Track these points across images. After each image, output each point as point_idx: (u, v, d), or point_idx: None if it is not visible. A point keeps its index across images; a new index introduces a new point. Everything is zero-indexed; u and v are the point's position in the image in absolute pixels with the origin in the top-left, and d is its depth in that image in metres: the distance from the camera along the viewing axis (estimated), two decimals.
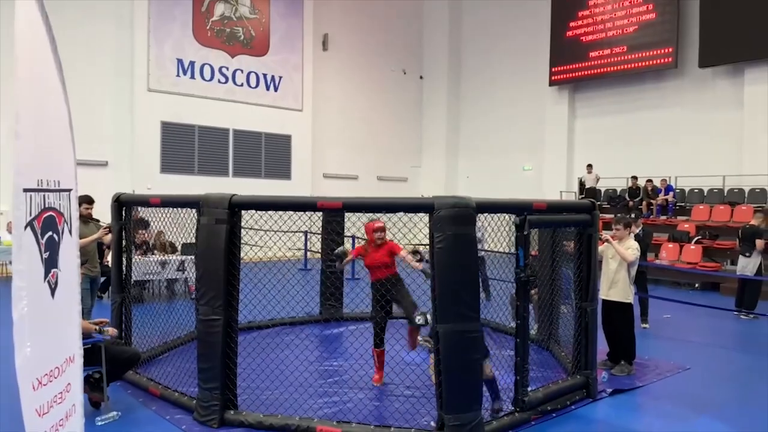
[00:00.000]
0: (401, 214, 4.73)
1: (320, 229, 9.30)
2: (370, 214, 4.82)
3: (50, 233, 2.89)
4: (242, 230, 5.08)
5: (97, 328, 5.38)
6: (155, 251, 10.83)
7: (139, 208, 6.50)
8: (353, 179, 21.71)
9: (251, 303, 6.57)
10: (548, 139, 20.36)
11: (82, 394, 3.03)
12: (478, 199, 4.53)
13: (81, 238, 6.76)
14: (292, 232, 7.10)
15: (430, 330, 4.68)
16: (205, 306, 4.93)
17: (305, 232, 12.53)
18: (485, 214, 4.93)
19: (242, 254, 5.15)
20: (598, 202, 16.78)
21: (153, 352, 6.54)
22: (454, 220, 4.40)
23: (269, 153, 19.13)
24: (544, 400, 5.23)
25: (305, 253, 14.99)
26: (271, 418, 4.76)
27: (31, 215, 2.60)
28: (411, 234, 4.98)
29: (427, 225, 4.49)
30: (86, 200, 7.12)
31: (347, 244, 6.31)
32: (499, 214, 5.15)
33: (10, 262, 7.42)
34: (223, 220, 4.94)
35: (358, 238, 12.41)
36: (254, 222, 5.65)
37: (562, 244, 6.31)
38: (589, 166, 18.19)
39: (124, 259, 6.50)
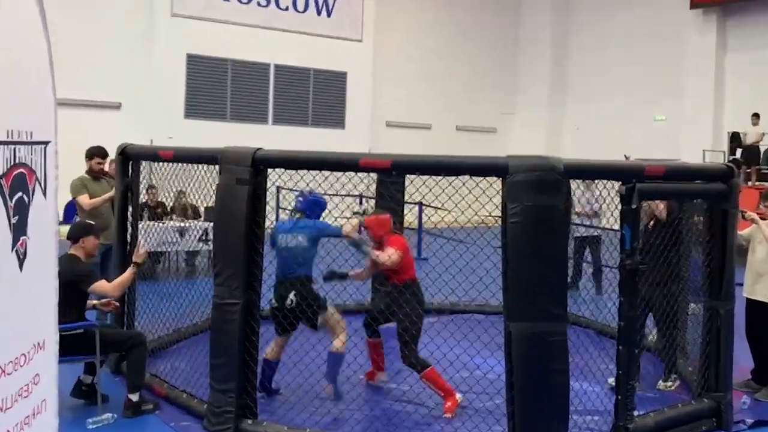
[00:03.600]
0: (466, 178, 4.69)
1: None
2: (426, 177, 4.85)
3: (20, 194, 3.01)
4: (282, 191, 5.16)
5: (96, 303, 5.69)
6: (174, 215, 11.22)
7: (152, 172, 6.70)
8: (425, 129, 21.77)
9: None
10: (688, 80, 19.84)
11: (57, 387, 3.19)
12: (569, 160, 4.50)
13: (91, 197, 7.14)
14: (338, 195, 7.14)
15: None
16: (221, 287, 5.06)
17: (360, 196, 12.62)
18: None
19: (271, 222, 5.27)
20: (758, 166, 16.19)
21: (161, 341, 6.79)
22: (534, 188, 4.37)
23: (318, 95, 19.36)
24: (656, 430, 5.14)
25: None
26: None
27: None
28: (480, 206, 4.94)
29: (499, 193, 4.49)
30: (98, 153, 7.43)
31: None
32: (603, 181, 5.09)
33: None
34: (244, 180, 5.02)
35: (426, 205, 12.38)
36: (289, 180, 5.72)
37: (691, 221, 6.16)
38: (755, 116, 17.38)
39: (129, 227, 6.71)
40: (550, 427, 4.52)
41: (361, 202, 14.69)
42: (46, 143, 3.28)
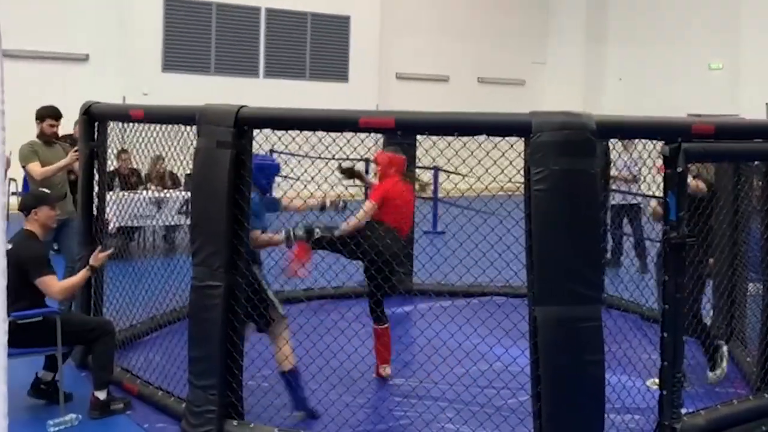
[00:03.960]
0: (483, 138, 4.63)
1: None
2: (436, 138, 4.81)
3: None
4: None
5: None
6: (150, 184, 11.22)
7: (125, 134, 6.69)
8: (442, 81, 21.76)
9: (273, 266, 6.69)
10: (750, 21, 19.68)
11: (6, 383, 3.18)
12: (603, 116, 4.46)
13: (44, 165, 7.17)
14: (336, 159, 7.10)
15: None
16: (201, 267, 5.06)
17: (366, 160, 12.53)
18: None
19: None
20: None
21: (134, 331, 6.82)
22: (562, 149, 4.32)
23: (317, 43, 19.36)
24: (709, 430, 5.12)
25: (366, 192, 15.06)
26: None
27: None
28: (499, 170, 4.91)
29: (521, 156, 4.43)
30: (50, 114, 7.46)
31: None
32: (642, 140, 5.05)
33: None
34: (226, 143, 5.01)
35: (439, 169, 12.35)
36: (278, 143, 5.68)
37: (748, 186, 6.18)
38: None
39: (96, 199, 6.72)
40: (582, 427, 4.50)
41: (367, 167, 14.64)
42: None
